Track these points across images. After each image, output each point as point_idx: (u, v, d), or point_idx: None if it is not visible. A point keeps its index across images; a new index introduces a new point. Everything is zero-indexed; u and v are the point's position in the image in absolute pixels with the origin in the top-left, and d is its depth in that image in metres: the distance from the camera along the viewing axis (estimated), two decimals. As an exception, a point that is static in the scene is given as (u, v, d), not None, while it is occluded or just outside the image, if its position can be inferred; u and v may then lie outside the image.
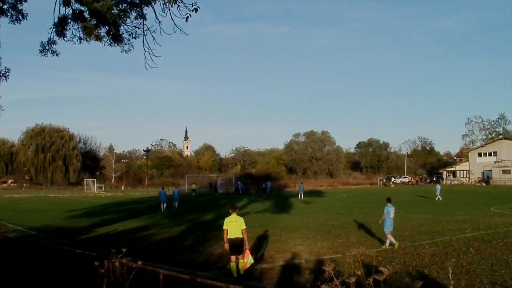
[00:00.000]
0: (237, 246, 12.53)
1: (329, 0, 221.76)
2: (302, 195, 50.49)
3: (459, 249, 15.75)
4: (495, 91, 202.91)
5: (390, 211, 17.39)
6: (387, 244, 17.00)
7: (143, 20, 11.65)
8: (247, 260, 12.45)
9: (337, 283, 4.69)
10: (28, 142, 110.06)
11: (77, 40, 11.72)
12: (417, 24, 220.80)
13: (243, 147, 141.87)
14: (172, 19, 10.69)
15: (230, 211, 13.10)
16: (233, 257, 12.56)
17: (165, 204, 37.79)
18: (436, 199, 43.92)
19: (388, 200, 17.99)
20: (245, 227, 12.64)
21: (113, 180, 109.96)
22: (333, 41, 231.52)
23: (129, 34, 11.85)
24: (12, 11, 11.74)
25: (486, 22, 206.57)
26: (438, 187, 47.25)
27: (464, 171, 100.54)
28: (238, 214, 12.98)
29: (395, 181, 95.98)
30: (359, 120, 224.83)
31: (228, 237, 12.56)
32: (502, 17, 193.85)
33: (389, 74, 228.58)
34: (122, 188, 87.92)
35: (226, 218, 12.88)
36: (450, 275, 6.87)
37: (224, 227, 12.73)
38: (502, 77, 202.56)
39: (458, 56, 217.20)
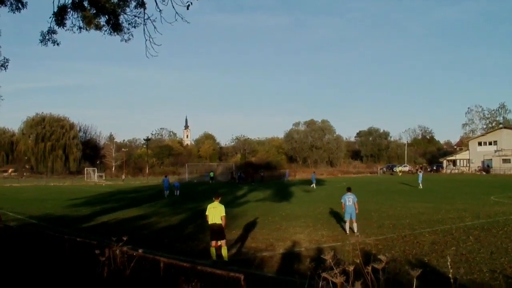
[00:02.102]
0: (216, 232, 13.09)
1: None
2: (315, 184, 50.66)
3: (459, 238, 15.79)
4: (495, 80, 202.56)
5: (346, 199, 17.67)
6: (356, 231, 17.23)
7: (143, 9, 11.57)
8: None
9: (337, 272, 4.70)
10: (28, 131, 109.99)
11: (77, 29, 11.64)
12: (417, 14, 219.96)
13: (243, 136, 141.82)
14: (173, 7, 10.61)
15: (214, 198, 13.67)
16: (213, 242, 13.14)
17: (168, 191, 39.67)
18: (420, 187, 44.61)
19: (348, 189, 18.31)
20: (224, 214, 13.18)
21: (113, 169, 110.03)
22: (333, 31, 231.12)
23: (129, 23, 11.75)
24: (12, 0, 11.66)
25: (486, 12, 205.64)
26: (420, 175, 48.09)
27: (464, 160, 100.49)
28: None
29: (401, 170, 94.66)
30: (359, 109, 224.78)
31: (209, 223, 13.20)
32: (502, 7, 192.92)
33: (389, 64, 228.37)
34: (123, 177, 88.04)
35: (208, 205, 13.53)
36: (449, 263, 6.88)
37: (206, 213, 13.43)
38: (503, 67, 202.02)
39: (458, 46, 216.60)
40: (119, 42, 12.17)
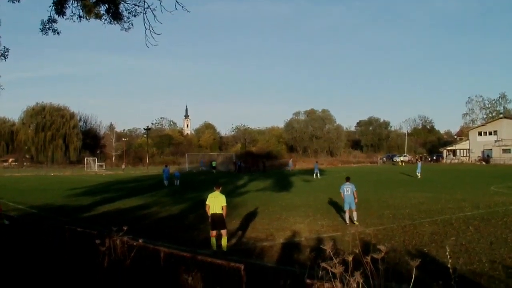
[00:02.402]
0: (216, 221, 13.12)
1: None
2: (318, 174, 50.53)
3: (458, 228, 15.82)
4: (496, 70, 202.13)
5: (345, 189, 17.63)
6: (355, 221, 17.24)
7: (143, -2, 11.51)
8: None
9: (336, 262, 4.71)
10: (28, 121, 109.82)
11: (77, 18, 11.58)
12: (417, 4, 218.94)
13: (244, 126, 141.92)
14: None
15: (214, 188, 13.66)
16: (213, 232, 13.21)
17: (167, 181, 40.57)
18: (418, 177, 44.76)
19: (347, 179, 18.23)
20: (225, 204, 13.19)
21: (113, 159, 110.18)
22: (334, 20, 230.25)
23: (129, 12, 11.70)
24: (11, -10, 11.57)
25: (487, 1, 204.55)
26: (419, 164, 48.16)
27: (464, 150, 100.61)
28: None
29: (403, 160, 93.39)
30: (359, 98, 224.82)
31: (209, 213, 13.22)
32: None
33: (390, 53, 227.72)
34: (123, 166, 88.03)
35: (209, 194, 13.52)
36: (448, 253, 6.90)
37: (206, 203, 13.46)
38: (503, 56, 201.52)
39: (459, 35, 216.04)
40: (119, 31, 12.16)
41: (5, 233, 12.97)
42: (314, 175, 50.24)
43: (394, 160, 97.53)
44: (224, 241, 13.04)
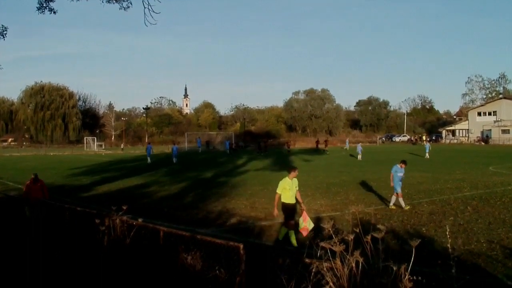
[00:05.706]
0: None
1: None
2: (360, 156, 44.16)
3: (457, 208, 15.87)
4: (496, 50, 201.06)
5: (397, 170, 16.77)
6: (391, 204, 16.81)
7: (141, -24, 11.35)
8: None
9: (336, 241, 4.73)
10: (27, 100, 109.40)
11: (75, -3, 11.46)
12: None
13: (243, 105, 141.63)
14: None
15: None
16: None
17: (149, 157, 43.20)
18: (426, 157, 44.78)
19: (403, 162, 17.43)
20: (277, 191, 12.21)
21: (113, 138, 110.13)
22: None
23: (127, -9, 11.57)
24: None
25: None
26: (428, 145, 48.40)
27: (464, 130, 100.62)
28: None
29: (427, 139, 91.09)
30: (359, 78, 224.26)
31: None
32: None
33: (390, 32, 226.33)
34: (122, 146, 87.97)
35: None
36: (447, 233, 6.92)
37: None
38: (503, 36, 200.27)
39: (459, 14, 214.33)
40: (118, 9, 11.97)
41: (5, 212, 13.00)
42: (359, 156, 43.44)
43: (416, 139, 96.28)
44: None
